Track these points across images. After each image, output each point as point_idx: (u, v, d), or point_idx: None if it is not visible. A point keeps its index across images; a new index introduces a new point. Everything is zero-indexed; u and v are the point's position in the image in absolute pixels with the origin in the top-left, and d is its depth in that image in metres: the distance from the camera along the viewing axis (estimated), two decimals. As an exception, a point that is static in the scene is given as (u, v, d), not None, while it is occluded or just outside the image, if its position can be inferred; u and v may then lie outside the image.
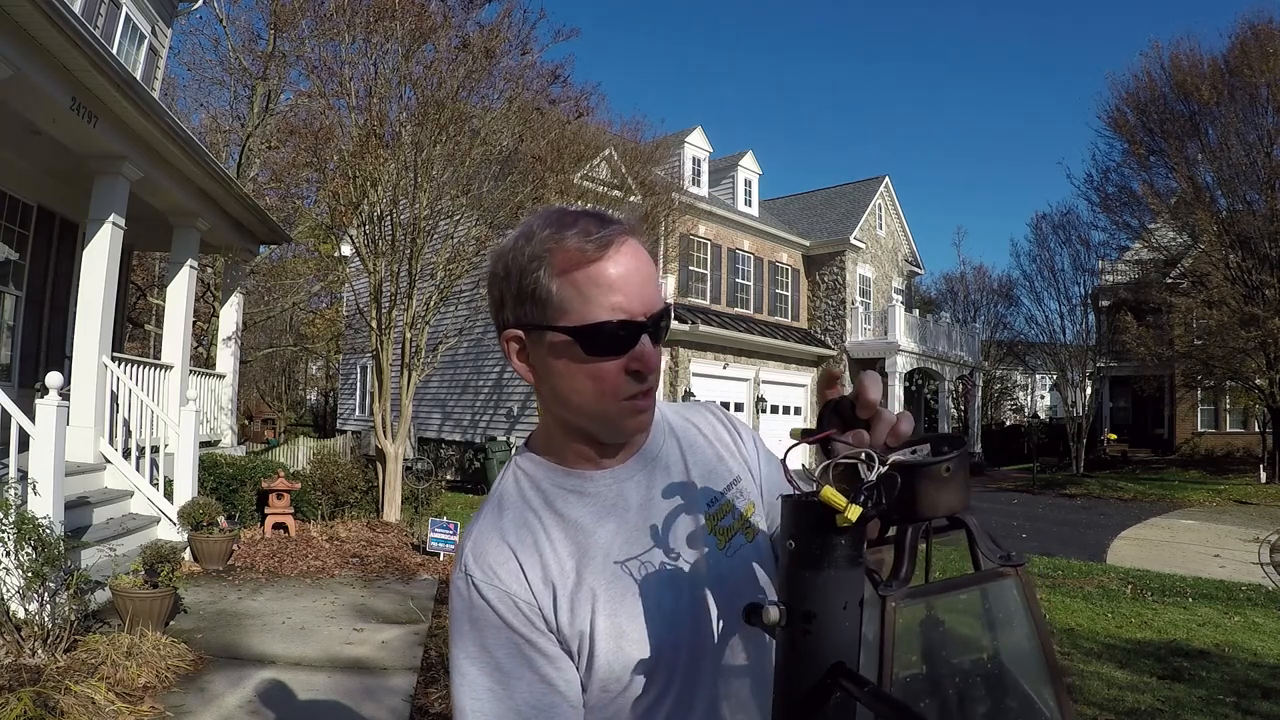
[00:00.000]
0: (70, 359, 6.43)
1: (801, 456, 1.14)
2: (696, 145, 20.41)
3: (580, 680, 0.87)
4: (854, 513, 0.70)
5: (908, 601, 0.70)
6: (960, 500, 0.72)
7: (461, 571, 0.89)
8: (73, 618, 3.92)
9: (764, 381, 20.10)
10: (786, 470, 0.78)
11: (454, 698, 0.88)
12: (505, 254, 0.89)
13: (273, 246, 14.53)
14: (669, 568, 0.92)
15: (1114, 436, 26.65)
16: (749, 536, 0.97)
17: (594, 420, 0.89)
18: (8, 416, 4.51)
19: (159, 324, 15.02)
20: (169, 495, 6.41)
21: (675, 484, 0.97)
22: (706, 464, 1.01)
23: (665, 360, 17.53)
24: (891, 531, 0.77)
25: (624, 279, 0.84)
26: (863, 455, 0.77)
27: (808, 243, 22.67)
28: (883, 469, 0.73)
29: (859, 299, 22.73)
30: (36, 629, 3.79)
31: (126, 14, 9.03)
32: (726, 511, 0.97)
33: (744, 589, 0.94)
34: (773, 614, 0.76)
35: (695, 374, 17.93)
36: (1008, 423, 35.25)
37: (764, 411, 20.04)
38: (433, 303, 9.49)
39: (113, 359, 6.42)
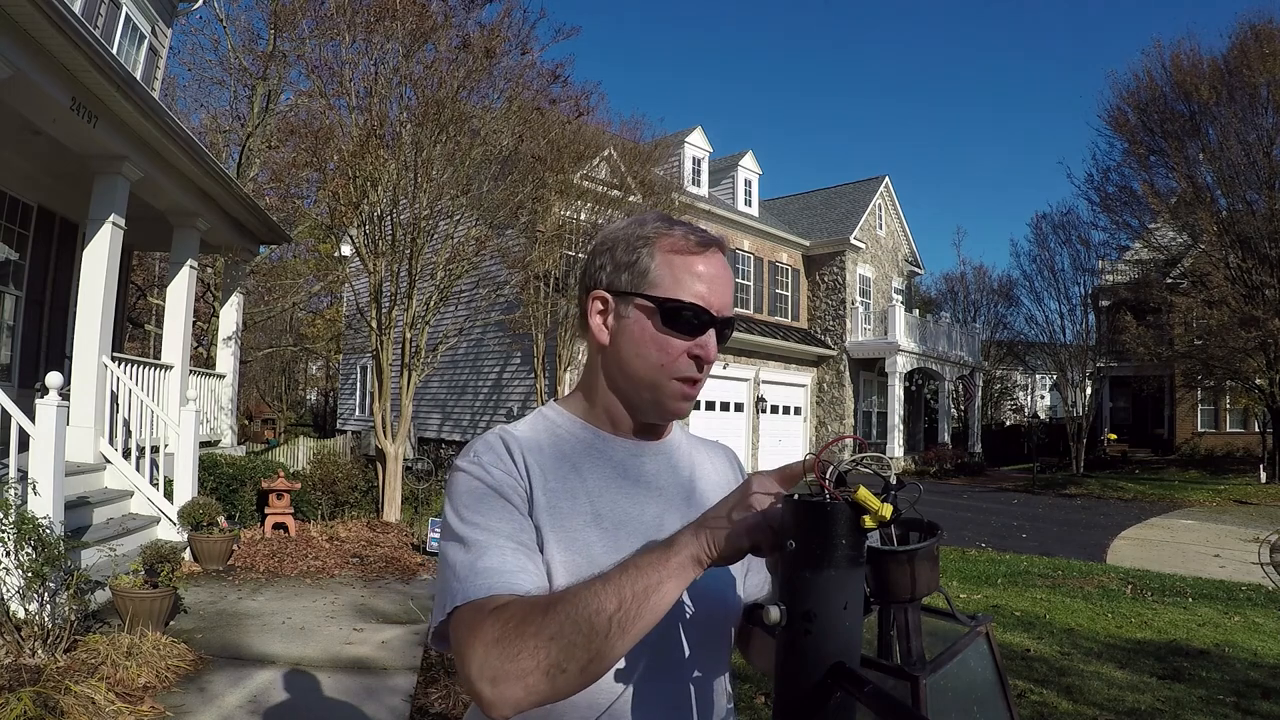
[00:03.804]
0: (70, 359, 6.43)
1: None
2: (696, 145, 20.42)
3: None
4: (887, 510, 0.72)
5: (931, 677, 0.75)
6: (938, 576, 0.81)
7: (467, 458, 0.94)
8: (73, 618, 3.92)
9: (764, 381, 20.10)
10: (818, 467, 0.80)
11: (439, 569, 0.91)
12: (614, 231, 1.02)
13: (273, 246, 14.53)
14: (646, 544, 0.94)
15: (1114, 436, 26.65)
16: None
17: (645, 389, 0.98)
18: (8, 416, 4.51)
19: (159, 324, 15.02)
20: (169, 495, 6.41)
21: (680, 486, 1.04)
22: (709, 489, 1.07)
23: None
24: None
25: (712, 277, 0.97)
26: (869, 462, 0.80)
27: (808, 243, 22.68)
28: (895, 474, 0.77)
29: (859, 299, 22.73)
30: (36, 629, 3.78)
31: (126, 14, 9.03)
32: None
33: (709, 600, 0.97)
34: (773, 614, 0.76)
35: (695, 374, 17.90)
36: (1008, 423, 35.23)
37: (764, 411, 20.05)
38: (433, 303, 9.48)
39: (113, 359, 6.42)
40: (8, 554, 3.92)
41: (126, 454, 6.43)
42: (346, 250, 11.70)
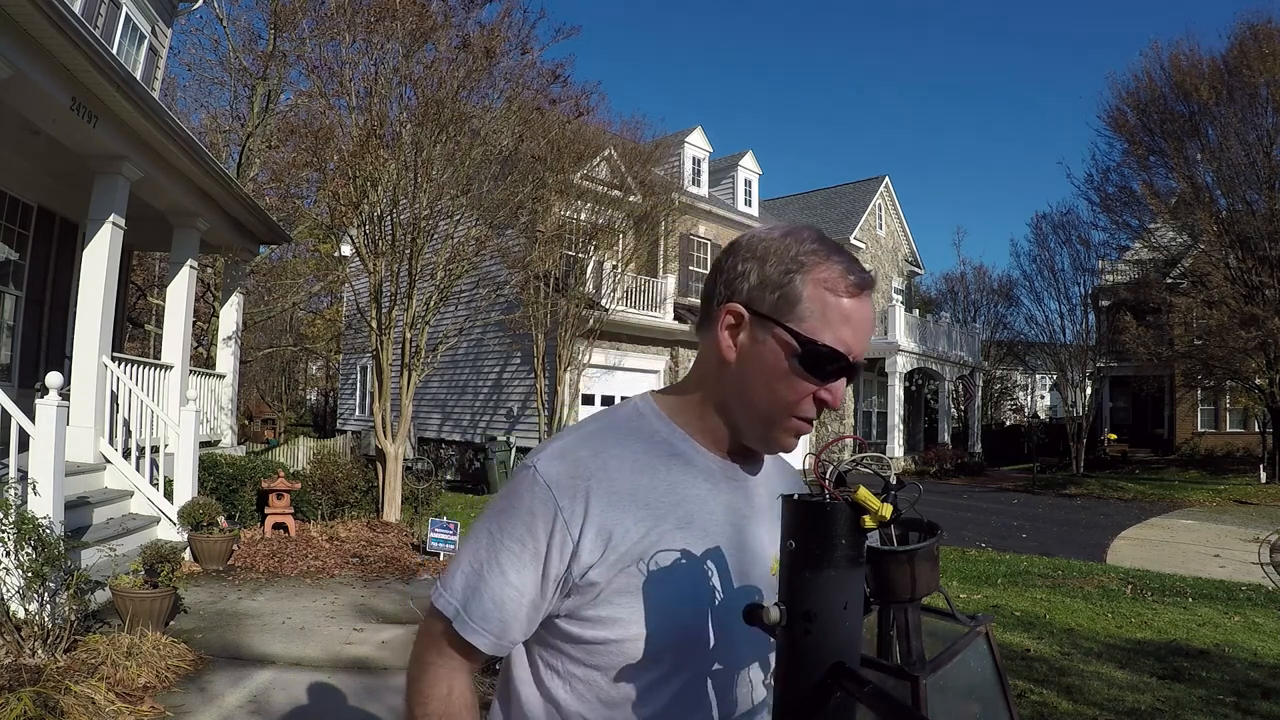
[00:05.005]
0: (70, 359, 6.43)
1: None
2: (696, 145, 20.42)
3: (572, 614, 0.91)
4: (887, 510, 0.72)
5: (930, 676, 0.75)
6: (938, 576, 0.81)
7: (530, 461, 0.93)
8: (73, 618, 3.92)
9: (764, 381, 20.08)
10: (818, 471, 0.80)
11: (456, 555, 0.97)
12: (765, 239, 0.94)
13: (273, 246, 14.53)
14: (731, 569, 0.94)
15: (1114, 436, 26.64)
16: None
17: (756, 419, 0.94)
18: (8, 416, 4.51)
19: (159, 324, 15.02)
20: (169, 495, 6.41)
21: (765, 513, 1.01)
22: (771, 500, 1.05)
23: (666, 360, 17.54)
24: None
25: (859, 324, 0.91)
26: (869, 462, 0.80)
27: (808, 243, 22.66)
28: (895, 474, 0.78)
29: (859, 299, 22.70)
30: (36, 629, 3.78)
31: (126, 14, 9.03)
32: None
33: (739, 588, 0.96)
34: (773, 614, 0.77)
35: (695, 374, 17.91)
36: (1008, 423, 35.22)
37: (764, 411, 20.03)
38: (433, 303, 9.48)
39: (113, 359, 6.42)
40: (8, 554, 3.92)
41: (126, 454, 6.43)
42: (346, 250, 11.70)
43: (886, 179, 24.23)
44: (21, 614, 3.88)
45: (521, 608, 0.90)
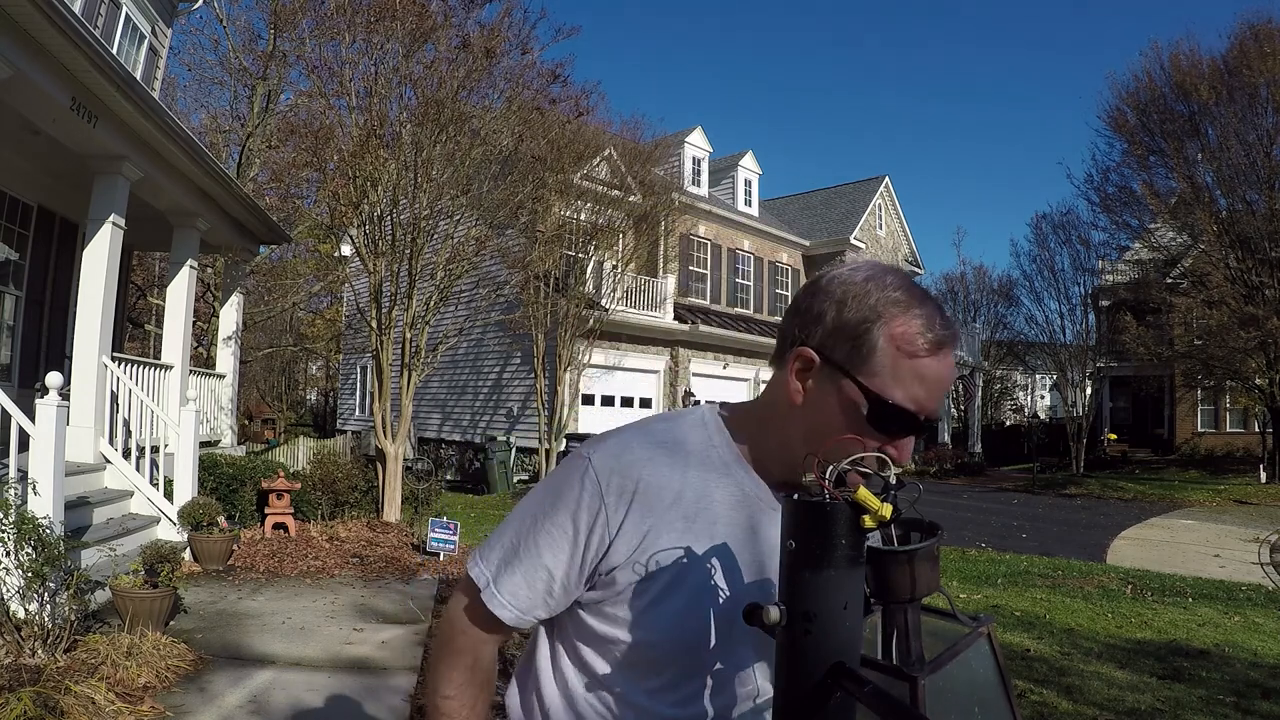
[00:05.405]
0: (70, 359, 6.42)
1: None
2: (696, 145, 20.43)
3: (593, 607, 0.94)
4: (887, 510, 0.72)
5: (930, 677, 0.75)
6: (938, 576, 0.81)
7: (585, 453, 0.94)
8: (73, 618, 3.92)
9: (764, 381, 20.06)
10: (819, 472, 0.79)
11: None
12: (846, 281, 0.90)
13: (273, 246, 14.53)
14: (755, 593, 0.94)
15: (1114, 436, 26.64)
16: None
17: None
18: (8, 416, 4.50)
19: (159, 324, 15.01)
20: (169, 495, 6.41)
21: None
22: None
23: (666, 360, 17.54)
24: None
25: (934, 382, 0.87)
26: (873, 462, 0.80)
27: (808, 243, 22.69)
28: (896, 473, 0.77)
29: (859, 299, 22.73)
30: (36, 629, 3.78)
31: (126, 14, 9.03)
32: None
33: (744, 585, 0.96)
34: (773, 614, 0.76)
35: (695, 374, 17.94)
36: (1008, 423, 35.23)
37: (764, 411, 20.02)
38: (433, 303, 9.48)
39: (113, 359, 6.41)
40: (8, 554, 3.91)
41: (126, 454, 6.42)
42: (346, 250, 11.71)
43: (886, 179, 24.24)
44: (21, 614, 3.87)
45: (552, 590, 0.93)
